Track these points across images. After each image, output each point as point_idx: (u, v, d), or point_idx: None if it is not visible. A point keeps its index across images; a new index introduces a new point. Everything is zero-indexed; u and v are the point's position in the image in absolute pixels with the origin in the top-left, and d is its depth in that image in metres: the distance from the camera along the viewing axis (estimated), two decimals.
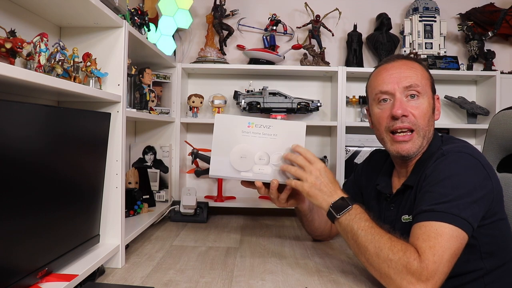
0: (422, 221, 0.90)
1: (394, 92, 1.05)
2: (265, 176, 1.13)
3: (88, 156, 1.02)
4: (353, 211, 0.98)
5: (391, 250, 0.88)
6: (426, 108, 1.05)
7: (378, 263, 0.89)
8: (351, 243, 0.98)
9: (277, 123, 1.15)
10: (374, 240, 0.91)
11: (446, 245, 0.85)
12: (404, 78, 1.05)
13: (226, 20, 2.05)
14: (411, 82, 1.04)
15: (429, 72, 1.11)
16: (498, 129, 1.21)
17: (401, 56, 1.14)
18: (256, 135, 1.13)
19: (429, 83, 1.08)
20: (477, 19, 2.06)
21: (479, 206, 0.91)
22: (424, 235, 0.87)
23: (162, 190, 1.83)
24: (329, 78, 2.09)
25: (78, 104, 1.11)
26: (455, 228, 0.86)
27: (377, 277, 0.92)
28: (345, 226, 0.98)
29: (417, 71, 1.07)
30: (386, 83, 1.07)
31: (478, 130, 2.07)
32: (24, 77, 0.70)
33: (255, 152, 1.13)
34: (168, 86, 1.89)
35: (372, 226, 0.94)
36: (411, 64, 1.09)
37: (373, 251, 0.90)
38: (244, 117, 1.15)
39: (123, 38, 1.13)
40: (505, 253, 1.00)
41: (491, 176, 0.95)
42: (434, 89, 1.11)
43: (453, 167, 0.94)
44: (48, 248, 0.87)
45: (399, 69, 1.07)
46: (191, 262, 1.19)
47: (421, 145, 1.05)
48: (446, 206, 0.88)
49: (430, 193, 0.93)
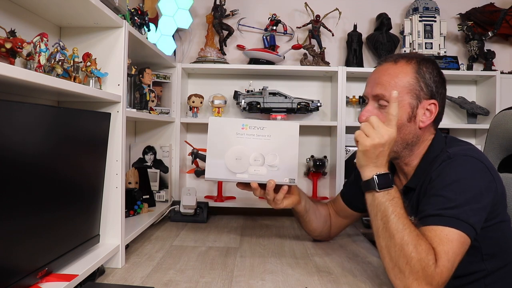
0: (430, 225, 0.89)
1: (368, 97, 1.08)
2: (260, 177, 1.14)
3: (88, 156, 1.02)
4: (393, 192, 0.94)
5: (416, 247, 0.86)
6: None
7: (398, 255, 0.87)
8: (378, 223, 0.93)
9: (271, 124, 1.16)
10: (404, 231, 0.88)
11: (457, 251, 0.85)
12: (376, 86, 1.05)
13: (226, 20, 2.05)
14: (378, 92, 1.03)
15: (419, 77, 1.03)
16: (499, 129, 1.21)
17: (392, 58, 1.08)
18: (250, 137, 1.14)
19: (408, 91, 1.02)
20: (477, 19, 2.06)
21: (485, 211, 0.91)
22: (437, 238, 0.87)
23: (162, 190, 1.83)
24: (329, 78, 2.08)
25: (78, 104, 1.11)
26: (462, 234, 0.86)
27: (388, 265, 0.90)
28: (379, 203, 0.94)
29: (394, 79, 1.02)
30: (366, 86, 1.10)
31: (478, 130, 2.07)
32: (24, 77, 0.70)
33: (250, 153, 1.14)
34: (168, 86, 1.89)
35: (406, 216, 0.91)
36: (393, 69, 1.04)
37: (399, 241, 0.88)
38: (238, 119, 1.16)
39: (123, 38, 1.13)
40: (506, 254, 1.00)
41: (496, 179, 0.95)
42: (424, 95, 1.03)
43: (460, 171, 0.94)
44: (48, 248, 0.87)
45: (377, 74, 1.07)
46: (191, 262, 1.19)
47: (392, 152, 1.01)
48: (455, 211, 0.88)
49: (437, 197, 0.92)
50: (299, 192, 1.25)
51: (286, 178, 1.16)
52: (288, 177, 1.16)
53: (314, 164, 1.94)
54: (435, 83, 1.04)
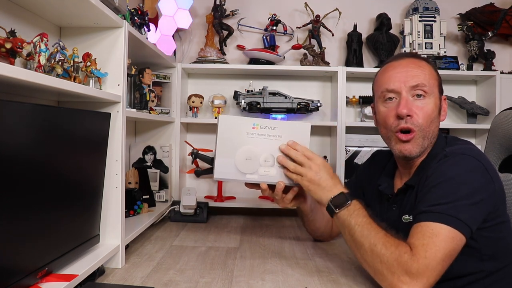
0: (420, 221, 0.90)
1: (401, 90, 1.03)
2: (270, 178, 1.11)
3: (88, 156, 1.02)
4: (352, 207, 0.99)
5: (384, 245, 0.89)
6: (432, 108, 1.03)
7: (372, 258, 0.90)
8: (348, 238, 0.98)
9: (282, 124, 1.13)
10: (369, 236, 0.92)
11: (441, 244, 0.85)
12: (411, 77, 1.03)
13: (226, 20, 2.05)
14: (417, 81, 1.02)
15: (437, 72, 1.08)
16: (500, 129, 1.21)
17: (410, 54, 1.11)
18: (261, 137, 1.12)
19: (436, 83, 1.06)
20: (477, 19, 2.06)
21: (479, 209, 0.91)
22: (419, 234, 0.88)
23: (162, 190, 1.83)
24: (329, 78, 2.09)
25: (78, 104, 1.11)
26: (451, 229, 0.86)
27: (371, 274, 0.93)
28: (343, 221, 0.99)
29: (424, 70, 1.05)
30: (393, 81, 1.05)
31: (478, 130, 2.07)
32: (24, 77, 0.70)
33: (261, 154, 1.11)
34: (168, 86, 1.89)
35: (369, 222, 0.94)
36: (419, 62, 1.07)
37: (368, 246, 0.91)
38: (249, 118, 1.13)
39: (123, 38, 1.13)
40: (506, 255, 0.99)
41: (495, 179, 0.95)
42: (442, 89, 1.09)
43: (454, 169, 0.94)
44: (48, 248, 0.87)
45: (406, 67, 1.05)
46: (191, 262, 1.19)
47: (422, 146, 1.04)
48: (444, 207, 0.88)
49: (430, 194, 0.93)
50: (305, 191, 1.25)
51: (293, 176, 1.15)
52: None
53: None
54: None
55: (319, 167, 1.05)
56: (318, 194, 1.05)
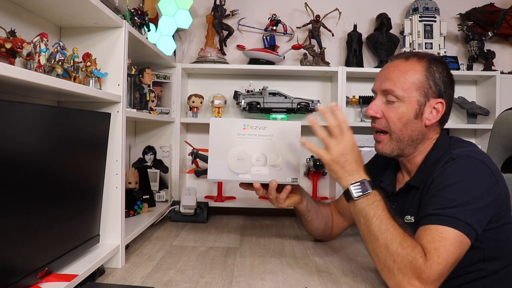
0: (428, 224, 0.89)
1: (377, 91, 1.08)
2: (263, 177, 1.14)
3: (88, 156, 1.02)
4: (372, 197, 0.96)
5: (401, 244, 0.87)
6: (403, 112, 1.03)
7: (385, 255, 0.89)
8: (362, 228, 0.96)
9: (272, 123, 1.16)
10: (387, 232, 0.90)
11: (451, 249, 0.85)
12: (385, 81, 1.05)
13: (226, 20, 2.04)
14: (387, 87, 1.04)
15: (431, 76, 1.03)
16: (502, 129, 1.21)
17: (403, 55, 1.09)
18: (252, 137, 1.14)
19: (416, 88, 1.02)
20: (477, 19, 2.06)
21: (485, 212, 0.91)
22: (429, 236, 0.87)
23: (162, 190, 1.83)
24: (329, 78, 2.09)
25: (78, 104, 1.11)
26: (459, 233, 0.86)
27: (378, 267, 0.92)
28: (360, 210, 0.96)
29: (404, 75, 1.03)
30: (376, 81, 1.10)
31: (478, 130, 2.07)
32: (24, 77, 0.70)
33: (252, 153, 1.14)
34: (168, 86, 1.89)
35: (388, 217, 0.93)
36: (404, 65, 1.05)
37: (383, 242, 0.90)
38: (239, 119, 1.16)
39: (123, 38, 1.13)
40: (508, 256, 0.99)
41: (500, 181, 0.95)
42: (435, 93, 1.03)
43: (461, 172, 0.94)
44: (48, 248, 0.87)
45: (387, 69, 1.08)
46: (191, 262, 1.19)
47: (398, 148, 1.06)
48: (453, 211, 0.88)
49: (437, 197, 0.93)
50: (301, 191, 1.25)
51: (288, 178, 1.16)
52: (291, 177, 1.16)
53: (314, 164, 1.94)
54: (444, 83, 1.04)
55: (347, 146, 1.00)
56: (338, 175, 1.01)
